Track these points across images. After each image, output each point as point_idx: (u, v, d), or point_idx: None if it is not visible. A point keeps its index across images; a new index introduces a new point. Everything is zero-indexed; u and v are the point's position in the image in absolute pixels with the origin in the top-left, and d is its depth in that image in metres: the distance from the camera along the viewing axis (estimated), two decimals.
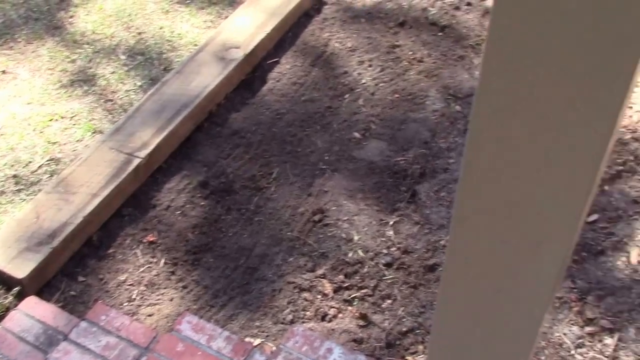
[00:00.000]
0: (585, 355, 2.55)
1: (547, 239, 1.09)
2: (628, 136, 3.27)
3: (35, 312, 2.65)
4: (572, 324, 2.64)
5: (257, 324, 2.72)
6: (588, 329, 2.62)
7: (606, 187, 3.09)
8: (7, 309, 2.70)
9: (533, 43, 0.87)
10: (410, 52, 3.92)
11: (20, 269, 2.77)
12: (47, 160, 3.39)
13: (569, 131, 0.93)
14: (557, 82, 0.89)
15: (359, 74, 3.82)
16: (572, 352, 2.56)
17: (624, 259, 2.84)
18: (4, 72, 3.93)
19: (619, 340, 2.58)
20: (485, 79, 0.94)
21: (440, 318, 1.40)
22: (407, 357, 2.58)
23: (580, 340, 2.59)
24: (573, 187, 1.00)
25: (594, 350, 2.56)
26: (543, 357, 2.54)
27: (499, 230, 1.13)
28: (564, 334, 2.61)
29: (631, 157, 3.18)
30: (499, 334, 1.34)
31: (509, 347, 1.36)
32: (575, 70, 0.87)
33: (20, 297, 2.75)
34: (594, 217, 2.98)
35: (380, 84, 3.75)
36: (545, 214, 1.06)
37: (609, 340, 2.58)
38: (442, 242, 2.94)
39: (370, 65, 3.86)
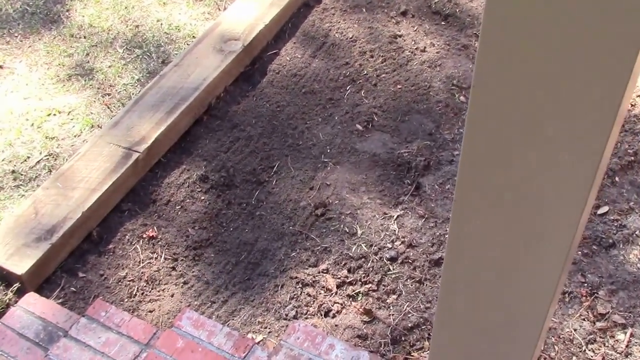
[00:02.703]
0: (596, 351, 2.49)
1: (549, 232, 1.07)
2: (639, 126, 3.22)
3: (35, 308, 2.63)
4: (583, 320, 2.59)
5: (260, 319, 2.68)
6: (599, 324, 2.57)
7: (617, 179, 3.04)
8: (7, 306, 2.69)
9: (533, 24, 0.83)
10: (413, 42, 3.87)
11: (20, 266, 2.74)
12: (46, 156, 3.35)
13: (571, 119, 0.90)
14: (558, 71, 0.86)
15: (361, 64, 3.76)
16: (583, 348, 2.51)
17: (636, 252, 2.78)
18: (0, 67, 3.88)
19: (632, 335, 2.53)
20: (481, 68, 0.91)
21: (441, 314, 1.37)
22: (412, 354, 2.54)
23: (592, 336, 2.53)
24: (575, 179, 0.97)
25: (606, 346, 2.51)
26: (553, 354, 2.49)
27: (500, 222, 1.10)
28: (575, 330, 2.56)
29: None
30: (502, 330, 1.31)
31: (512, 343, 1.33)
32: (576, 59, 0.83)
33: (19, 293, 2.72)
34: (605, 209, 2.92)
35: (383, 75, 3.69)
36: (546, 206, 1.03)
37: (622, 336, 2.53)
38: (447, 236, 2.89)
39: (372, 56, 3.80)
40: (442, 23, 3.99)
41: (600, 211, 2.91)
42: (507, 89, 0.91)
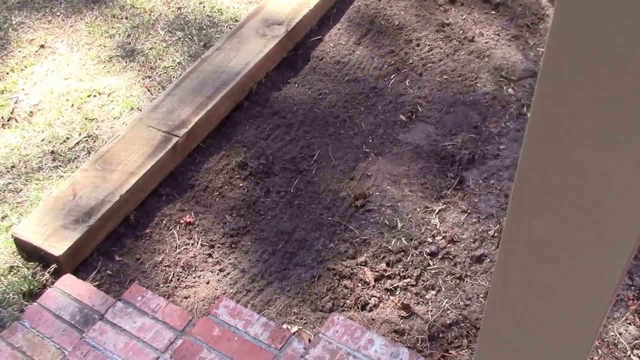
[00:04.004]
0: None
1: (612, 234, 1.02)
2: None
3: (71, 290, 2.63)
4: (629, 324, 2.50)
5: (295, 310, 2.63)
6: None
7: None
8: (44, 286, 2.70)
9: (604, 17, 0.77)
10: (461, 31, 3.77)
11: (57, 247, 2.73)
12: (85, 137, 3.34)
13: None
14: (633, 62, 0.79)
15: (406, 53, 3.68)
16: (628, 353, 2.42)
17: None
18: (42, 46, 3.88)
19: None
20: (551, 59, 0.86)
21: (491, 314, 1.33)
22: (450, 351, 2.47)
23: (638, 341, 2.45)
24: None
25: None
26: (597, 357, 2.41)
27: (560, 222, 1.06)
28: (620, 334, 2.47)
29: None
30: (555, 335, 1.28)
31: (564, 348, 1.27)
32: None
33: (56, 274, 2.73)
34: None
35: (429, 64, 3.60)
36: (611, 206, 0.98)
37: None
38: (490, 232, 2.81)
39: (418, 44, 3.71)
40: (492, 12, 3.89)
41: None
42: (576, 82, 0.86)
